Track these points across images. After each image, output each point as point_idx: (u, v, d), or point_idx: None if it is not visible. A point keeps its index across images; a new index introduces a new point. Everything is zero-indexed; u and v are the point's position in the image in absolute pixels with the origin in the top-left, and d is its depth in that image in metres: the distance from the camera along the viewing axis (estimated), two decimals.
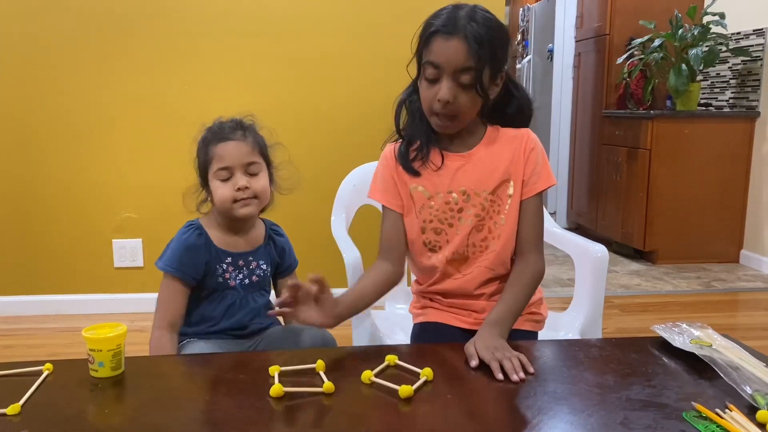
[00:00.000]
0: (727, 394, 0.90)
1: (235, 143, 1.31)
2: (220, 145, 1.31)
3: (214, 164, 1.31)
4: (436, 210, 1.25)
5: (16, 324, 2.79)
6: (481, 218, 1.25)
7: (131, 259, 2.90)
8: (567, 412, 0.87)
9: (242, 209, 1.30)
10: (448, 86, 1.16)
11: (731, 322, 3.00)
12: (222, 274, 1.34)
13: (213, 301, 1.35)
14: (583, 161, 4.67)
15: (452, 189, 1.25)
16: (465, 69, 1.14)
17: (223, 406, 0.88)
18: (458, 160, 1.26)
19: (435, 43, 1.17)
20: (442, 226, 1.26)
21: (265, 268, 1.39)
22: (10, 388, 0.93)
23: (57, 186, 2.83)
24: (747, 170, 3.84)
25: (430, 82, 1.19)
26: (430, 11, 1.24)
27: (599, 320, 1.52)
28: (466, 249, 1.26)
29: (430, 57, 1.17)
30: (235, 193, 1.29)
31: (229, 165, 1.30)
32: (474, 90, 1.16)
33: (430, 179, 1.26)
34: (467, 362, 1.01)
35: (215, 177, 1.31)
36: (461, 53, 1.14)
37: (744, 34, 3.86)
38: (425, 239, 1.28)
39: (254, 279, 1.37)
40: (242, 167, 1.30)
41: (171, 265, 1.31)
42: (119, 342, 0.98)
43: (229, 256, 1.35)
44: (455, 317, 1.30)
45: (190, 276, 1.31)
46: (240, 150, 1.31)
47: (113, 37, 2.75)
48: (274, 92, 2.85)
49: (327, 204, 1.72)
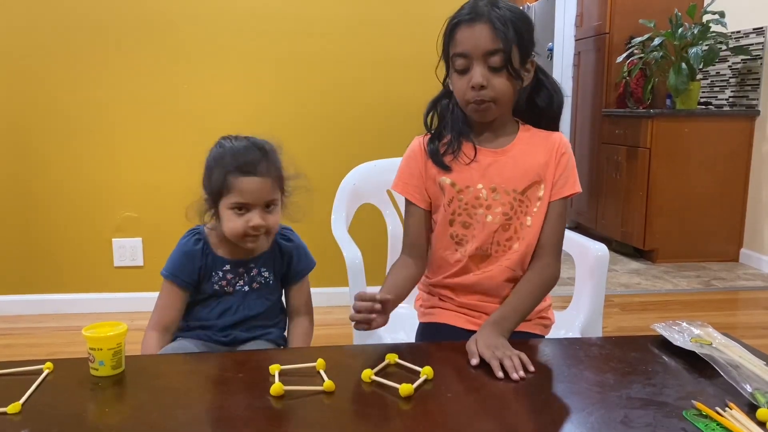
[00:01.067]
0: (727, 393, 0.90)
1: (259, 180, 1.24)
2: (243, 180, 1.23)
3: (232, 197, 1.24)
4: (465, 203, 1.24)
5: (16, 323, 2.79)
6: (509, 217, 1.24)
7: (131, 259, 2.90)
8: (567, 411, 0.87)
9: (251, 243, 1.27)
10: (480, 71, 1.16)
11: (731, 320, 3.00)
12: (219, 280, 1.31)
13: (207, 306, 1.33)
14: (582, 160, 4.67)
15: (482, 184, 1.24)
16: (493, 51, 1.15)
17: (224, 405, 0.88)
18: (491, 155, 1.25)
19: (459, 33, 1.17)
20: (470, 221, 1.25)
21: (267, 275, 1.35)
22: (11, 386, 0.93)
23: (57, 185, 2.83)
24: (747, 169, 3.84)
25: (460, 73, 1.18)
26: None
27: (599, 319, 1.52)
28: (490, 247, 1.25)
29: (457, 48, 1.17)
30: (248, 228, 1.24)
31: (248, 202, 1.24)
32: (506, 72, 1.16)
33: (461, 172, 1.24)
34: (468, 361, 1.01)
35: (229, 208, 1.25)
36: (487, 36, 1.14)
37: (744, 32, 3.86)
38: (452, 232, 1.26)
39: (255, 286, 1.34)
40: (261, 206, 1.25)
41: (168, 270, 1.31)
42: (119, 341, 0.98)
43: (228, 263, 1.32)
44: (466, 319, 1.28)
45: (186, 282, 1.30)
46: (262, 189, 1.24)
47: (113, 36, 2.75)
48: (275, 91, 2.85)
49: (327, 203, 1.72)
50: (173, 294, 1.31)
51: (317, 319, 1.45)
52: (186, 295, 1.32)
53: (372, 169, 1.80)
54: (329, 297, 2.41)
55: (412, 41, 2.79)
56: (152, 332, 1.29)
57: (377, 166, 1.80)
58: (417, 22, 2.79)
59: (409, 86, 2.79)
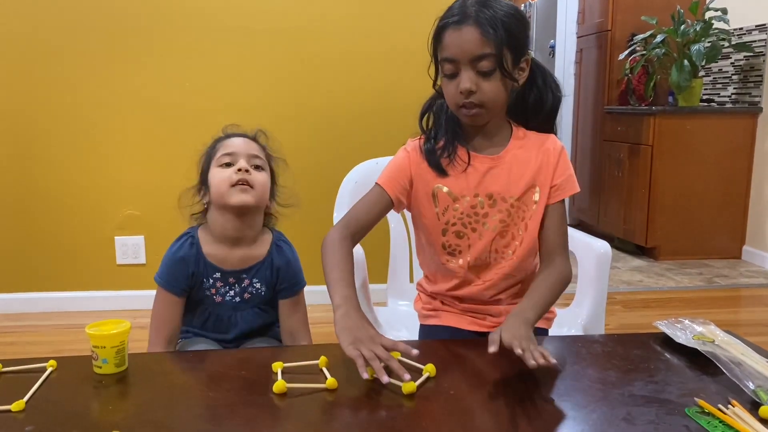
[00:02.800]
0: (730, 390, 0.90)
1: (244, 139, 1.32)
2: (229, 139, 1.32)
3: (219, 152, 1.29)
4: (461, 213, 1.22)
5: (19, 321, 2.80)
6: (506, 224, 1.21)
7: (133, 256, 2.91)
8: (570, 408, 0.87)
9: (238, 195, 1.23)
10: (467, 75, 1.11)
11: (733, 318, 3.00)
12: (209, 288, 1.30)
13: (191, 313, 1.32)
14: (584, 157, 4.67)
15: (479, 192, 1.21)
16: (481, 56, 1.10)
17: (227, 403, 0.88)
18: (487, 162, 1.21)
19: (447, 37, 1.12)
20: (464, 230, 1.22)
21: (259, 286, 1.32)
22: (15, 384, 0.93)
23: (59, 183, 2.83)
24: (749, 166, 3.84)
25: (449, 77, 1.14)
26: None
27: (602, 316, 1.52)
28: (488, 255, 1.23)
29: (444, 53, 1.13)
30: (235, 174, 1.23)
31: (234, 152, 1.27)
32: (497, 75, 1.12)
33: (457, 180, 1.21)
34: (469, 359, 1.01)
35: (217, 164, 1.27)
36: (475, 40, 1.09)
37: (746, 29, 3.85)
38: (445, 242, 1.24)
39: (246, 296, 1.31)
40: (247, 157, 1.27)
41: (161, 277, 1.29)
42: (123, 339, 0.98)
43: (218, 272, 1.29)
44: (471, 321, 1.27)
45: (179, 287, 1.28)
46: (248, 143, 1.31)
47: (116, 36, 2.75)
48: (277, 89, 2.85)
49: (329, 201, 1.72)
50: (169, 301, 1.28)
51: (319, 317, 1.44)
52: (182, 300, 1.29)
53: (374, 167, 1.80)
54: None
55: (415, 37, 2.77)
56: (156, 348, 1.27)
57: (379, 164, 1.79)
58: (419, 19, 2.77)
59: (412, 83, 2.76)
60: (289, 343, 1.34)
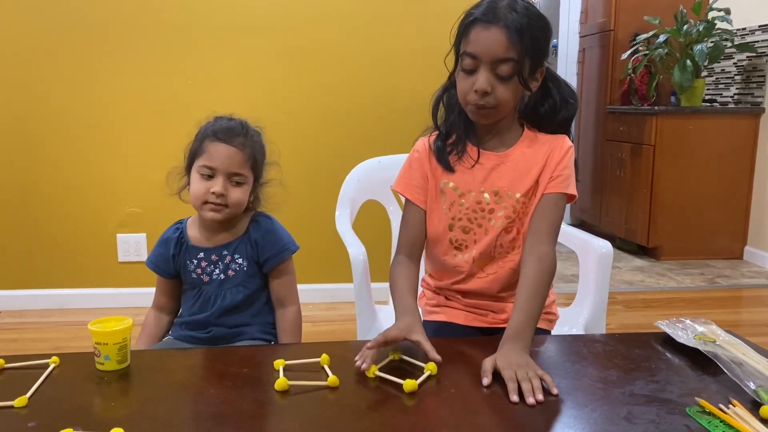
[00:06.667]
0: (731, 390, 0.90)
1: (230, 149, 1.29)
2: (215, 144, 1.29)
3: (202, 159, 1.29)
4: (467, 208, 1.23)
5: (22, 318, 2.81)
6: (512, 220, 1.22)
7: (135, 254, 2.91)
8: (571, 407, 0.87)
9: (209, 213, 1.29)
10: (486, 76, 1.12)
11: (735, 318, 2.99)
12: (194, 269, 1.34)
13: (190, 297, 1.37)
14: (587, 157, 4.66)
15: (485, 188, 1.22)
16: (504, 60, 1.11)
17: (228, 400, 0.89)
18: (494, 159, 1.23)
19: (474, 33, 1.13)
20: (471, 226, 1.24)
21: (241, 262, 1.34)
22: (17, 380, 0.94)
23: (61, 181, 2.84)
24: (751, 166, 3.83)
25: (467, 72, 1.15)
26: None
27: (603, 316, 1.52)
28: (494, 250, 1.24)
29: (468, 47, 1.14)
30: (208, 195, 1.27)
31: (214, 167, 1.28)
32: (514, 81, 1.13)
33: (463, 176, 1.23)
34: (470, 357, 1.01)
35: (197, 171, 1.30)
36: (501, 43, 1.10)
37: (749, 29, 3.85)
38: (452, 237, 1.25)
39: (230, 273, 1.34)
40: (226, 174, 1.28)
41: (149, 260, 1.40)
42: (125, 335, 0.99)
43: (201, 251, 1.34)
44: (474, 317, 1.28)
45: (162, 269, 1.37)
46: (231, 158, 1.28)
47: (117, 34, 2.76)
48: (280, 87, 2.85)
49: (331, 199, 1.72)
50: (160, 281, 1.40)
51: (321, 315, 1.45)
52: (171, 283, 1.39)
53: (376, 166, 1.80)
54: (333, 293, 2.38)
55: (419, 36, 2.79)
56: (150, 310, 1.41)
57: (381, 163, 1.80)
58: (425, 17, 2.78)
59: (415, 82, 2.78)
60: (278, 308, 1.38)
